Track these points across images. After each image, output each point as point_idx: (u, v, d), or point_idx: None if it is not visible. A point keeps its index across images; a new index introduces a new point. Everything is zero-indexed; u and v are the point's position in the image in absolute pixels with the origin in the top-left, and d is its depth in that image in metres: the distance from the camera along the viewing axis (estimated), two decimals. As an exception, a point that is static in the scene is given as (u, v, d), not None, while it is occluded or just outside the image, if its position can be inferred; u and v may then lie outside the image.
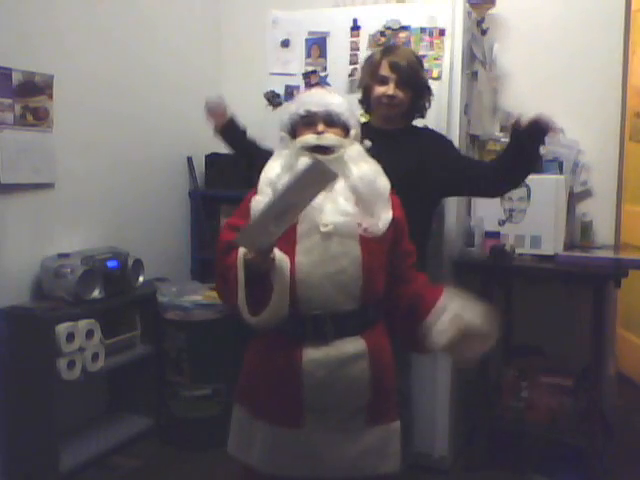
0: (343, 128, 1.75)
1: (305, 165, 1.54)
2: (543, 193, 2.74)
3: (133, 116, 3.19)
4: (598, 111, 3.00)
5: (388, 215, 1.71)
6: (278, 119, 2.42)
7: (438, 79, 2.61)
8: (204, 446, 2.86)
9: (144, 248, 3.15)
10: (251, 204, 1.74)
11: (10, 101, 2.53)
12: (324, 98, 1.78)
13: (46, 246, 2.72)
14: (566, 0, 3.05)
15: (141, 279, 2.96)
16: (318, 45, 2.80)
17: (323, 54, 2.79)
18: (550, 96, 3.06)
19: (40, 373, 2.53)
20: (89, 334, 2.67)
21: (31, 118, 2.62)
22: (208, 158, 3.57)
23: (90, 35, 2.92)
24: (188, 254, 3.62)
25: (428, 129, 2.44)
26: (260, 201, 1.71)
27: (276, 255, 1.60)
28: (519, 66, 3.07)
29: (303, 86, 2.82)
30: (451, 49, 2.61)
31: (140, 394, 3.06)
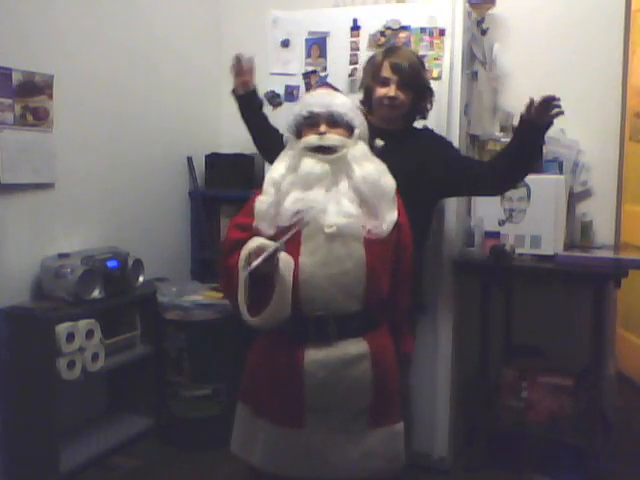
0: (347, 128, 1.75)
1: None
2: (543, 193, 2.74)
3: (133, 116, 3.19)
4: (598, 111, 3.00)
5: (393, 216, 1.71)
6: (278, 119, 2.46)
7: (438, 79, 2.61)
8: (204, 446, 2.86)
9: (144, 248, 3.15)
10: (255, 204, 1.75)
11: (10, 101, 2.53)
12: (327, 99, 1.78)
13: (46, 246, 2.72)
14: (566, 0, 3.05)
15: (141, 279, 2.96)
16: (318, 45, 2.80)
17: (323, 54, 2.79)
18: (550, 96, 3.06)
19: (40, 373, 2.53)
20: (89, 334, 2.67)
21: (31, 118, 2.62)
22: (208, 158, 3.57)
23: (90, 35, 2.92)
24: (188, 254, 3.62)
25: (427, 130, 2.43)
26: (264, 201, 1.71)
27: (281, 257, 1.60)
28: (519, 66, 3.07)
29: (303, 86, 2.82)
30: (451, 49, 2.61)
31: (140, 394, 3.06)
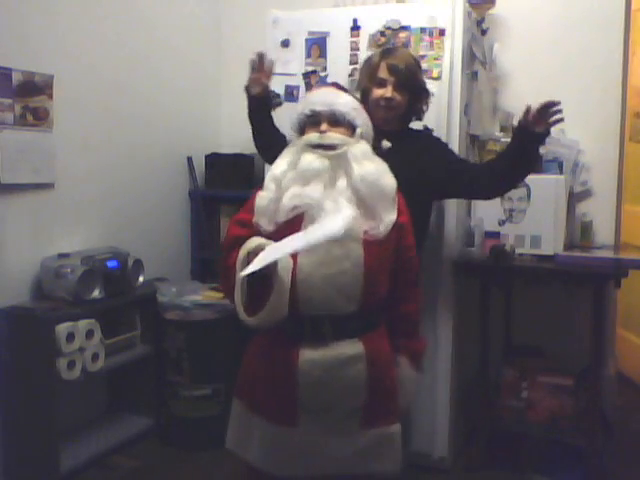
0: (349, 127, 1.75)
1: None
2: (543, 193, 2.74)
3: (133, 116, 3.19)
4: (598, 111, 3.00)
5: (391, 217, 1.70)
6: (278, 119, 2.45)
7: (438, 79, 2.61)
8: (204, 446, 2.86)
9: (144, 248, 3.15)
10: (255, 199, 1.75)
11: (10, 101, 2.53)
12: (329, 98, 1.78)
13: (46, 246, 2.72)
14: (566, 0, 3.05)
15: (141, 279, 2.96)
16: (318, 45, 2.80)
17: (323, 54, 2.79)
18: (550, 96, 3.04)
19: (40, 373, 2.53)
20: (89, 334, 2.67)
21: (31, 118, 2.62)
22: (208, 158, 3.57)
23: (90, 35, 2.92)
24: (188, 254, 3.62)
25: (426, 131, 2.43)
26: (264, 197, 1.72)
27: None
28: (519, 66, 3.07)
29: (303, 86, 2.83)
30: (451, 49, 2.61)
31: (140, 394, 3.06)
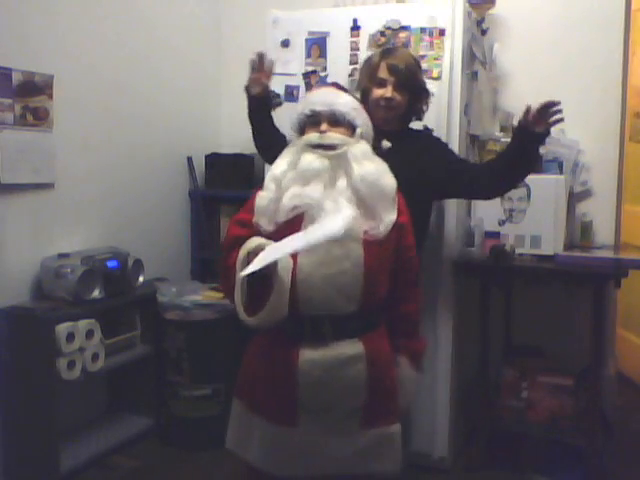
0: (349, 127, 1.75)
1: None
2: (543, 193, 2.74)
3: (133, 116, 3.19)
4: (598, 111, 3.00)
5: (391, 217, 1.70)
6: (278, 119, 2.45)
7: (438, 79, 2.61)
8: (204, 446, 2.86)
9: (144, 248, 3.15)
10: (255, 200, 1.75)
11: (10, 101, 2.53)
12: (329, 98, 1.78)
13: (46, 246, 2.72)
14: (566, 0, 3.05)
15: (141, 279, 2.96)
16: (318, 45, 2.80)
17: (323, 54, 2.79)
18: (550, 96, 3.04)
19: (40, 373, 2.53)
20: (89, 334, 2.67)
21: (31, 118, 2.62)
22: (208, 158, 3.57)
23: (90, 35, 2.92)
24: (188, 254, 3.62)
25: (426, 131, 2.43)
26: (264, 197, 1.72)
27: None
28: (519, 66, 3.07)
29: (303, 86, 2.83)
30: (451, 49, 2.61)
31: (140, 394, 3.06)
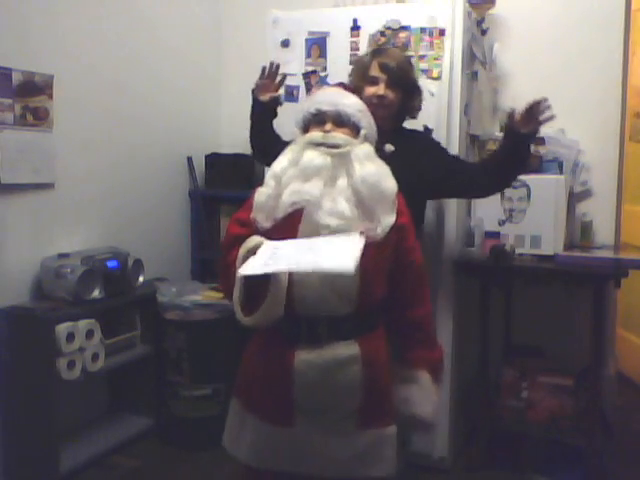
0: (353, 129, 1.75)
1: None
2: (543, 193, 2.74)
3: (133, 116, 3.20)
4: (598, 111, 3.00)
5: (390, 219, 1.69)
6: (278, 119, 2.45)
7: (438, 79, 2.61)
8: (204, 446, 2.86)
9: (144, 248, 3.15)
10: (254, 195, 1.75)
11: (10, 101, 2.53)
12: (336, 98, 1.77)
13: (46, 246, 2.72)
14: (566, 0, 3.05)
15: (141, 279, 2.96)
16: (318, 45, 2.80)
17: (323, 54, 2.79)
18: (550, 96, 3.05)
19: (40, 373, 2.53)
20: (89, 334, 2.67)
21: (31, 118, 2.62)
22: (208, 158, 3.57)
23: (90, 35, 2.92)
24: (188, 254, 3.62)
25: (419, 132, 2.42)
26: (263, 193, 1.72)
27: None
28: (519, 66, 3.08)
29: (303, 86, 2.83)
30: (451, 49, 2.61)
31: (140, 394, 3.06)
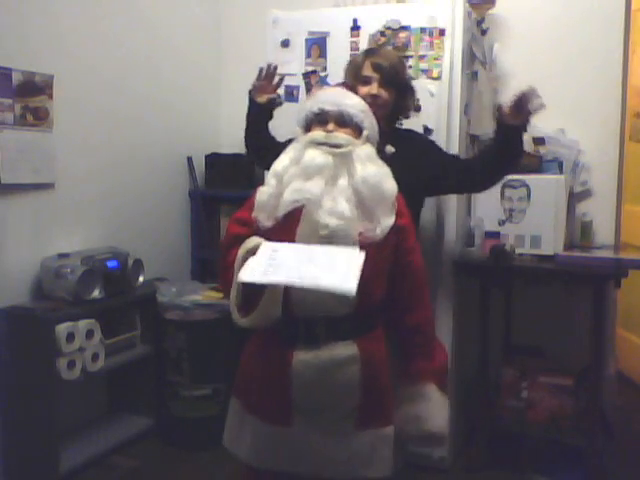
0: (355, 129, 1.75)
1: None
2: (543, 193, 2.74)
3: (133, 116, 3.20)
4: (598, 111, 3.00)
5: (389, 221, 1.69)
6: (278, 119, 2.45)
7: (438, 79, 2.61)
8: (204, 446, 2.86)
9: (144, 248, 3.15)
10: (256, 194, 1.75)
11: (10, 101, 2.53)
12: (339, 98, 1.77)
13: (46, 246, 2.72)
14: (566, 0, 3.05)
15: (141, 279, 2.96)
16: (318, 45, 2.80)
17: (323, 54, 2.79)
18: (550, 96, 3.05)
19: (40, 373, 2.53)
20: (89, 334, 2.67)
21: (31, 118, 2.62)
22: (208, 158, 3.57)
23: (90, 35, 2.92)
24: (188, 254, 3.62)
25: (413, 131, 2.42)
26: (264, 192, 1.72)
27: None
28: (519, 66, 3.07)
29: (303, 86, 2.83)
30: (451, 49, 2.61)
31: (140, 394, 3.06)
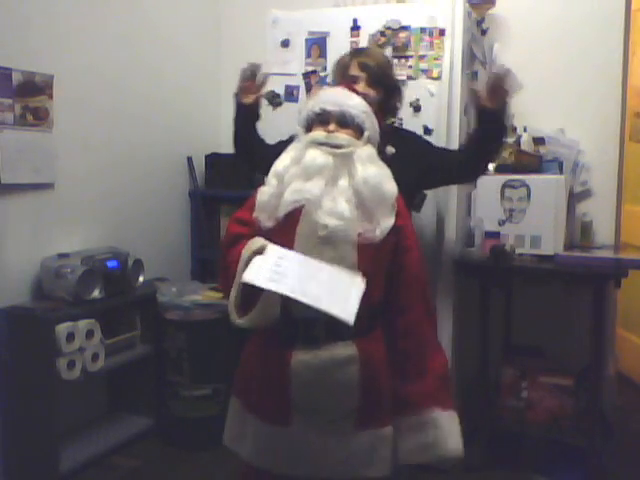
0: (357, 130, 1.74)
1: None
2: (543, 193, 2.74)
3: (133, 116, 3.19)
4: (598, 111, 3.00)
5: (389, 222, 1.69)
6: (278, 119, 2.46)
7: (438, 79, 2.61)
8: (204, 446, 2.86)
9: (144, 248, 3.15)
10: (257, 195, 1.75)
11: (10, 101, 2.53)
12: (341, 98, 1.77)
13: (46, 246, 2.72)
14: (566, 0, 3.05)
15: (141, 279, 2.96)
16: (318, 45, 2.80)
17: (323, 54, 2.79)
18: (550, 96, 3.07)
19: (40, 373, 2.53)
20: (89, 334, 2.67)
21: (31, 118, 2.62)
22: (208, 158, 3.57)
23: (90, 35, 2.92)
24: (188, 254, 3.62)
25: (403, 129, 2.42)
26: (265, 192, 1.72)
27: None
28: (519, 66, 3.05)
29: (303, 86, 2.83)
30: (451, 49, 2.61)
31: (140, 394, 3.06)
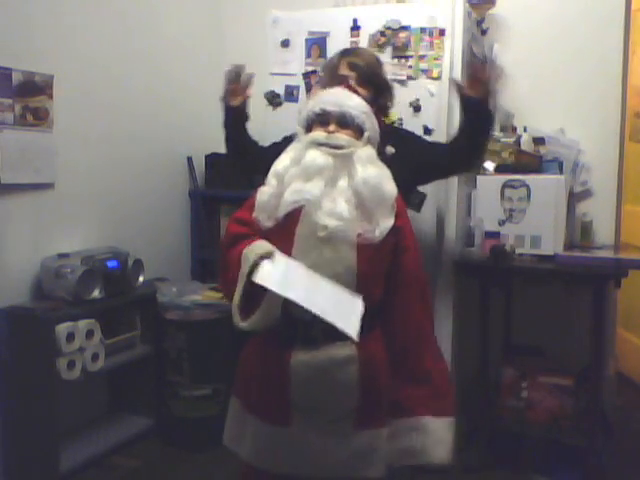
0: (357, 130, 1.74)
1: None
2: (543, 193, 2.74)
3: (133, 116, 3.19)
4: (598, 111, 3.00)
5: (388, 222, 1.69)
6: (278, 119, 2.46)
7: (438, 79, 2.61)
8: (204, 446, 2.86)
9: (144, 248, 3.15)
10: (256, 195, 1.75)
11: (10, 101, 2.53)
12: (341, 98, 1.77)
13: (46, 246, 2.72)
14: (566, 0, 3.05)
15: (141, 279, 2.96)
16: (318, 45, 2.81)
17: (323, 54, 2.79)
18: (550, 96, 3.07)
19: (40, 373, 2.53)
20: (89, 334, 2.67)
21: (31, 118, 2.62)
22: (208, 158, 3.57)
23: (90, 35, 2.92)
24: (188, 254, 3.62)
25: (398, 128, 2.41)
26: (265, 192, 1.72)
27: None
28: (519, 66, 3.07)
29: (303, 86, 2.83)
30: (451, 49, 2.61)
31: (140, 394, 3.06)
